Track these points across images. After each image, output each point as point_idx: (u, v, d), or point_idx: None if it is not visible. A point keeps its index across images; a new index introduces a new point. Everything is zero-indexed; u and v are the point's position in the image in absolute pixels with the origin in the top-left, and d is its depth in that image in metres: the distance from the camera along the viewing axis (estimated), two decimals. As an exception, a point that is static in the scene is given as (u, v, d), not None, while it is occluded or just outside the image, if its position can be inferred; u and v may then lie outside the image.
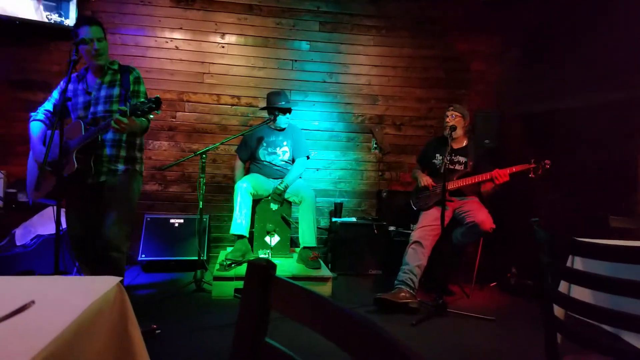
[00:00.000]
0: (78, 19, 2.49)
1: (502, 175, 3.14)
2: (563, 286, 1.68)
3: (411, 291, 3.08)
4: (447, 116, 3.48)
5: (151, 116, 2.41)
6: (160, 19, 4.22)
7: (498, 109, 4.46)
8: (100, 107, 2.46)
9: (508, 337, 2.75)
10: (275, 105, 3.74)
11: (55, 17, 3.82)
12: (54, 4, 3.78)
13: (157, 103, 2.27)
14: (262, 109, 3.97)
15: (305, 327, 0.67)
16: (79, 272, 2.94)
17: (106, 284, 0.99)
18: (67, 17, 3.85)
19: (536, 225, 1.38)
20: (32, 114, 2.53)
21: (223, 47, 4.35)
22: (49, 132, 2.52)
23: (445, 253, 3.44)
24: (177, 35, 4.26)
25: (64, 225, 2.30)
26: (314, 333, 0.64)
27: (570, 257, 1.75)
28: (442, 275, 3.47)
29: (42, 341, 0.67)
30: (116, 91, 2.49)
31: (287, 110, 3.78)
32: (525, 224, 1.58)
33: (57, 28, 3.85)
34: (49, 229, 3.24)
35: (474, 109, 4.42)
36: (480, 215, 3.17)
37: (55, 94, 2.57)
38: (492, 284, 3.88)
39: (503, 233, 3.45)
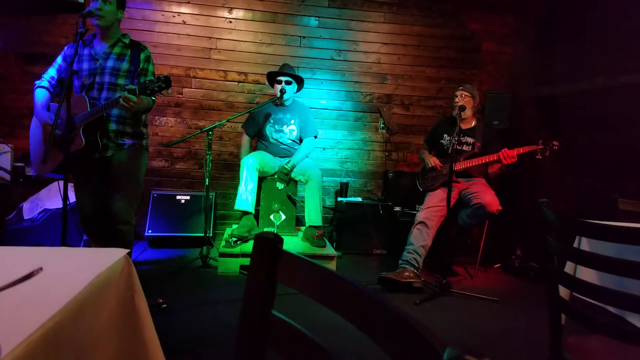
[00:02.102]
0: None
1: (509, 155, 3.11)
2: (569, 267, 1.68)
3: (415, 271, 3.10)
4: (457, 96, 3.44)
5: (160, 95, 2.39)
6: (167, -7, 4.16)
7: (509, 90, 4.39)
8: (106, 78, 2.42)
9: (511, 318, 2.77)
10: (277, 72, 3.77)
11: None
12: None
13: (167, 82, 2.25)
14: (269, 73, 3.90)
15: (311, 303, 0.67)
16: (86, 247, 2.99)
17: (114, 255, 1.00)
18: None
19: (544, 206, 1.37)
20: (37, 82, 2.51)
21: (230, 22, 4.29)
22: (52, 104, 2.51)
23: (450, 234, 3.44)
24: (184, 9, 4.21)
25: (71, 199, 2.32)
26: (320, 310, 0.65)
27: (577, 238, 1.74)
28: (446, 256, 3.48)
29: (49, 310, 0.67)
30: (125, 65, 2.46)
31: (288, 76, 3.75)
32: (531, 205, 1.56)
33: (64, 1, 3.82)
34: (57, 203, 3.26)
35: (485, 90, 4.35)
36: (486, 197, 3.16)
37: (59, 60, 2.53)
38: (496, 266, 3.89)
39: (509, 215, 3.44)
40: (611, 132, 3.26)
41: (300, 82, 3.87)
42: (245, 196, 3.49)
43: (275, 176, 3.69)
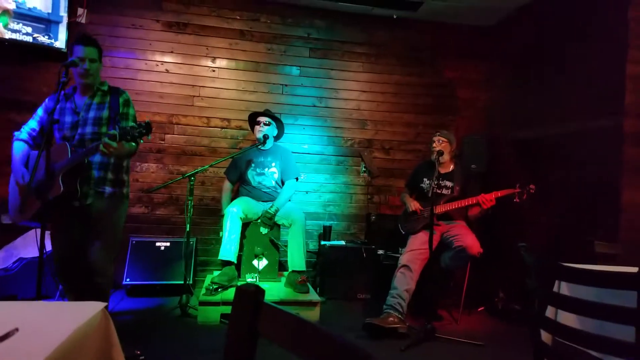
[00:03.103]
0: (77, 36, 2.51)
1: (487, 200, 3.18)
2: (550, 311, 1.69)
3: (400, 316, 3.07)
4: (434, 142, 3.54)
5: (141, 141, 2.39)
6: (151, 43, 4.26)
7: (485, 135, 4.54)
8: (88, 129, 2.43)
9: (497, 363, 2.74)
10: (257, 113, 3.93)
11: (44, 40, 3.83)
12: (42, 26, 3.81)
13: (147, 128, 2.25)
14: (251, 116, 3.98)
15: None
16: (62, 297, 2.88)
17: (90, 309, 0.97)
18: (56, 39, 3.87)
19: (523, 250, 1.40)
20: (16, 133, 2.49)
21: (214, 71, 4.39)
22: (32, 152, 2.49)
23: (433, 277, 3.44)
24: (168, 58, 4.30)
25: (47, 248, 2.26)
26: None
27: (556, 281, 1.76)
28: (430, 300, 3.46)
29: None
30: (105, 113, 2.47)
31: (267, 116, 3.84)
32: (512, 247, 1.59)
33: (47, 49, 3.87)
34: (32, 251, 3.17)
35: (462, 135, 4.49)
36: (467, 239, 3.19)
37: (40, 112, 2.53)
38: (480, 309, 3.87)
39: (490, 257, 3.47)
40: (585, 175, 3.36)
41: (279, 124, 3.95)
42: (229, 246, 3.45)
43: (259, 221, 3.67)
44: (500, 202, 3.20)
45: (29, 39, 3.78)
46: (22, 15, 3.73)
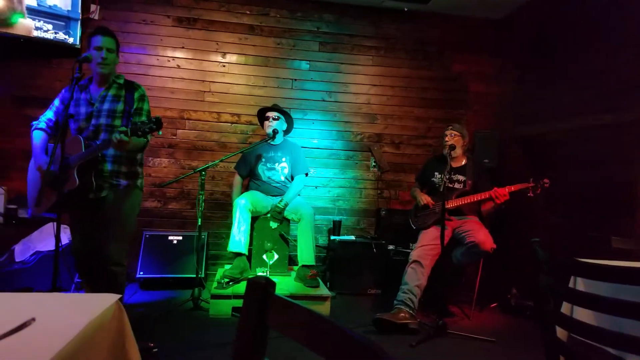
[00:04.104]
0: (95, 28, 2.55)
1: (501, 194, 3.14)
2: (566, 307, 1.66)
3: (411, 311, 3.05)
4: (446, 135, 3.50)
5: (152, 136, 2.40)
6: (162, 38, 4.28)
7: (497, 130, 4.49)
8: (102, 120, 2.46)
9: (509, 359, 2.71)
10: (265, 108, 3.92)
11: (61, 36, 3.86)
12: (62, 23, 3.84)
13: (157, 124, 2.26)
14: (260, 112, 3.97)
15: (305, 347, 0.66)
16: (77, 290, 2.92)
17: (105, 301, 0.98)
18: (74, 35, 3.91)
19: (537, 246, 1.38)
20: (34, 122, 2.54)
21: (224, 66, 4.40)
22: (50, 144, 2.53)
23: (445, 273, 3.41)
24: (178, 54, 4.32)
25: (63, 241, 2.29)
26: (314, 353, 0.64)
27: (572, 277, 1.74)
28: (442, 296, 3.44)
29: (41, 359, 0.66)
30: (120, 106, 2.49)
31: (276, 111, 3.84)
32: (525, 243, 1.57)
33: (61, 46, 3.90)
34: (48, 245, 3.23)
35: (473, 129, 4.45)
36: (480, 235, 3.15)
37: (57, 102, 2.58)
38: (492, 305, 3.84)
39: (503, 253, 3.43)
40: (601, 170, 3.31)
41: (288, 118, 3.94)
42: (239, 238, 3.47)
43: (268, 215, 3.68)
44: (513, 197, 3.16)
45: (50, 36, 3.82)
46: (43, 13, 3.77)
